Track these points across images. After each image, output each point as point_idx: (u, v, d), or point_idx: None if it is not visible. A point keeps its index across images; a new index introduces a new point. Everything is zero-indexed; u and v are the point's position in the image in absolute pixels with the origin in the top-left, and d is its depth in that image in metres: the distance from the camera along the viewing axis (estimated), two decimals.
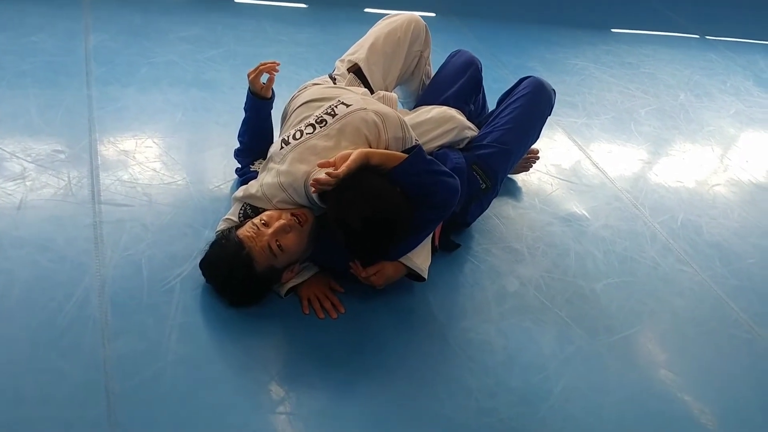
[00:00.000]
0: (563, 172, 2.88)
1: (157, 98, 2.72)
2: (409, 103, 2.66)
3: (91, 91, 2.67)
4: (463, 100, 2.47)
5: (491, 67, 3.52)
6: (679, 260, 2.55)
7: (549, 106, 2.47)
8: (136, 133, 2.52)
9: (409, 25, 2.43)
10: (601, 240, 2.56)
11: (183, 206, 2.25)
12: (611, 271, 2.42)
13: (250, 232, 1.85)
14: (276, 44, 3.28)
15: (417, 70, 2.53)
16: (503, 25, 4.05)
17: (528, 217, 2.59)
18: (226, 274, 1.86)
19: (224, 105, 2.77)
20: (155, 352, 1.78)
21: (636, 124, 3.39)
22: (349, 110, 1.99)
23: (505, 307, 2.17)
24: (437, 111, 2.32)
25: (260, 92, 2.18)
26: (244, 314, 1.91)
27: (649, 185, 2.94)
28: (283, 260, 1.87)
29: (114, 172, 2.32)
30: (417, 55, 2.49)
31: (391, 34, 2.41)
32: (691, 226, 2.75)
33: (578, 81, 3.63)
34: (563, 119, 3.24)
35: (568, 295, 2.28)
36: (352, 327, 1.96)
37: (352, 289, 2.05)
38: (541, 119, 2.46)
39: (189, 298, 1.94)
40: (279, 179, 1.94)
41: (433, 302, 2.11)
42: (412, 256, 2.00)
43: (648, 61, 4.02)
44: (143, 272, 1.99)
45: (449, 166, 2.13)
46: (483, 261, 2.33)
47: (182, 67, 2.95)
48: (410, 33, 2.43)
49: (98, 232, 2.08)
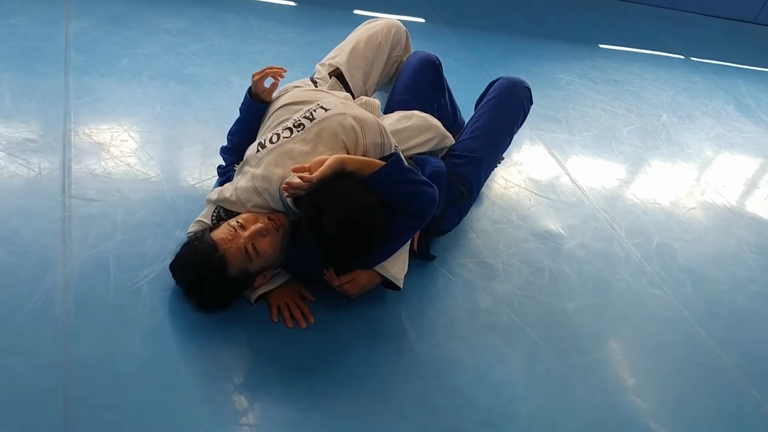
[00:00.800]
0: (542, 188, 2.88)
1: (136, 91, 2.67)
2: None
3: (68, 79, 2.62)
4: (433, 97, 2.46)
5: (476, 77, 3.50)
6: (652, 283, 2.55)
7: (520, 103, 2.42)
8: (113, 125, 2.47)
9: (389, 30, 2.41)
10: (576, 259, 2.55)
11: (155, 204, 2.21)
12: (584, 292, 2.42)
13: (226, 234, 1.82)
14: (261, 42, 3.23)
15: (396, 76, 2.50)
16: (491, 35, 4.04)
17: (505, 232, 2.58)
18: (198, 276, 1.82)
19: (204, 101, 2.73)
20: (118, 356, 1.75)
21: (617, 142, 3.39)
22: (327, 114, 1.96)
23: (477, 324, 2.16)
24: (417, 119, 2.29)
25: (261, 95, 2.14)
26: (212, 320, 1.88)
27: (626, 205, 2.95)
28: (257, 264, 1.84)
29: (87, 165, 2.28)
30: (397, 60, 2.47)
31: (372, 39, 2.39)
32: (665, 250, 2.75)
33: (563, 96, 3.63)
34: (545, 134, 3.23)
35: (540, 315, 2.27)
36: (320, 338, 1.93)
37: (323, 299, 2.02)
38: (512, 119, 2.43)
39: (156, 301, 1.90)
40: (254, 183, 1.90)
41: (404, 316, 2.09)
42: (388, 265, 1.98)
43: (633, 79, 4.03)
44: (110, 271, 1.95)
45: (429, 170, 2.12)
46: (457, 275, 2.32)
47: (164, 59, 2.90)
48: (391, 38, 2.41)
49: (66, 227, 2.04)
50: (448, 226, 2.33)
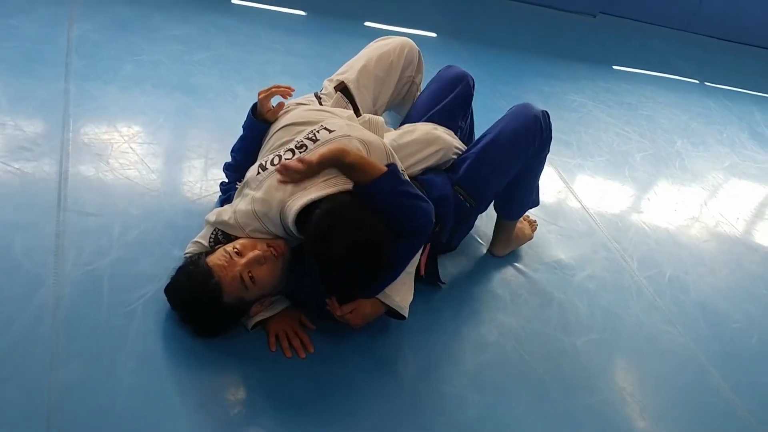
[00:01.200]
0: (551, 215, 2.79)
1: (138, 99, 2.59)
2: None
3: (69, 85, 2.54)
4: (451, 117, 2.35)
5: (488, 96, 3.43)
6: (664, 319, 2.47)
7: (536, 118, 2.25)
8: (113, 135, 2.39)
9: (402, 49, 2.33)
10: (586, 291, 2.47)
11: (154, 220, 2.13)
12: (594, 326, 2.34)
13: (222, 261, 1.74)
14: (269, 52, 3.16)
15: (408, 96, 2.43)
16: (504, 52, 3.96)
17: (513, 261, 2.49)
18: (192, 303, 1.75)
19: (209, 112, 2.65)
20: (107, 381, 1.67)
21: (630, 169, 3.31)
22: (331, 136, 1.87)
23: (482, 359, 2.07)
24: (422, 131, 2.20)
25: (265, 115, 2.06)
26: (207, 346, 1.80)
27: (638, 236, 2.86)
28: (254, 293, 1.76)
29: (85, 176, 2.20)
30: (409, 81, 2.39)
31: (384, 57, 2.31)
32: (678, 283, 2.67)
33: (575, 119, 3.55)
34: (556, 158, 3.15)
35: (547, 349, 2.18)
36: (320, 369, 1.85)
37: (323, 328, 1.94)
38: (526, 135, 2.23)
39: (150, 324, 1.82)
40: (253, 207, 1.82)
41: (407, 348, 2.01)
42: (391, 293, 1.89)
43: (647, 103, 3.95)
44: (104, 291, 1.87)
45: (435, 195, 2.03)
46: (464, 305, 2.24)
47: (168, 67, 2.82)
48: (403, 57, 2.33)
49: (60, 243, 1.96)
50: (456, 242, 2.25)
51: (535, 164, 2.32)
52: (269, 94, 2.03)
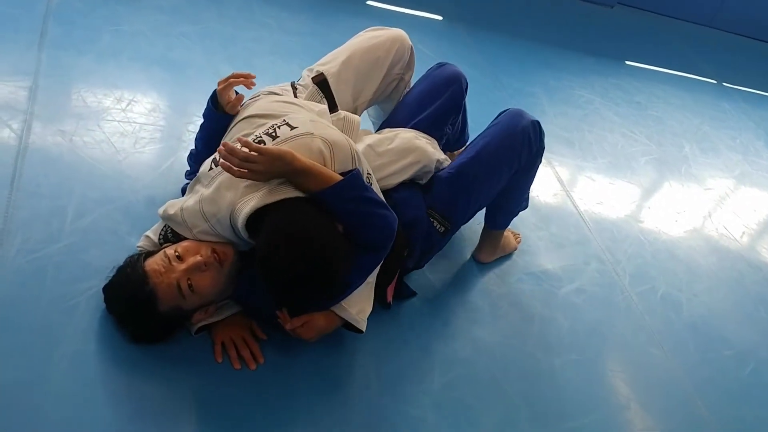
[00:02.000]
0: (543, 219, 2.65)
1: (112, 73, 2.45)
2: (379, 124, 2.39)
3: (41, 54, 2.40)
4: (439, 125, 2.18)
5: (490, 87, 3.27)
6: (651, 341, 2.33)
7: (525, 135, 2.08)
8: (81, 111, 2.26)
9: (392, 44, 2.14)
10: (571, 307, 2.33)
11: (112, 206, 2.00)
12: (575, 346, 2.20)
13: (159, 266, 1.60)
14: (260, 28, 3.00)
15: (395, 93, 2.25)
16: (510, 40, 3.78)
17: (497, 268, 2.36)
18: (125, 308, 1.62)
19: (186, 92, 2.51)
20: (36, 384, 1.55)
21: (633, 173, 3.15)
22: (292, 134, 1.70)
23: (450, 377, 1.94)
24: (401, 140, 2.03)
25: (225, 107, 1.87)
26: (147, 351, 1.67)
27: (634, 248, 2.71)
28: (192, 302, 1.63)
29: (44, 154, 2.07)
30: (397, 78, 2.21)
31: (371, 52, 2.12)
32: (670, 302, 2.52)
33: (581, 116, 3.38)
34: (555, 157, 2.99)
35: (523, 370, 2.05)
36: (270, 383, 1.72)
37: (276, 337, 1.80)
38: (511, 150, 2.08)
39: (92, 321, 1.70)
40: (201, 206, 1.67)
41: (369, 362, 1.88)
42: (348, 305, 1.74)
43: (657, 103, 3.77)
44: (46, 281, 1.75)
45: (408, 218, 1.88)
46: (438, 316, 2.10)
47: (150, 40, 2.68)
48: (393, 53, 2.14)
49: (7, 226, 1.84)
50: (424, 262, 2.10)
51: (524, 179, 2.17)
52: (228, 85, 1.85)
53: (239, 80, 1.85)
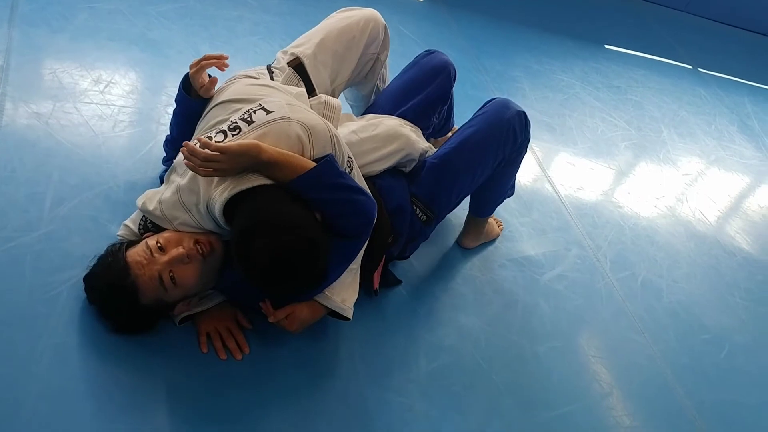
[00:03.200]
0: (525, 205, 2.65)
1: (89, 53, 2.38)
2: (358, 106, 2.36)
3: (12, 31, 2.32)
4: (426, 114, 2.15)
5: (472, 70, 3.25)
6: (632, 327, 2.36)
7: (510, 126, 2.06)
8: (57, 93, 2.20)
9: (366, 23, 2.09)
10: (553, 293, 2.34)
11: (92, 192, 1.95)
12: (557, 332, 2.21)
13: (141, 257, 1.56)
14: (241, 7, 2.94)
15: (371, 74, 2.21)
16: (493, 23, 3.74)
17: (480, 254, 2.36)
18: (106, 299, 1.59)
19: (165, 72, 2.45)
20: (17, 379, 1.52)
21: (612, 158, 3.16)
22: (269, 118, 1.65)
23: (436, 365, 1.94)
24: (385, 128, 1.99)
25: (199, 91, 1.80)
26: (131, 342, 1.64)
27: (614, 233, 2.73)
28: (174, 295, 1.60)
29: (19, 138, 2.01)
30: (373, 58, 2.17)
31: (345, 32, 2.07)
32: (651, 288, 2.55)
33: (561, 100, 3.38)
34: (536, 143, 2.99)
35: (507, 357, 2.06)
36: (255, 373, 1.71)
37: (261, 326, 1.78)
38: (496, 139, 2.06)
39: (74, 312, 1.67)
40: (180, 196, 1.63)
41: (355, 351, 1.87)
42: (332, 293, 1.73)
43: (636, 88, 3.78)
44: (26, 272, 1.71)
45: (392, 205, 1.86)
46: (422, 303, 2.10)
47: (128, 18, 2.60)
48: (367, 33, 2.09)
49: None
50: (409, 252, 2.09)
51: (509, 169, 2.16)
52: (200, 68, 1.78)
53: (212, 62, 1.78)
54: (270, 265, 1.48)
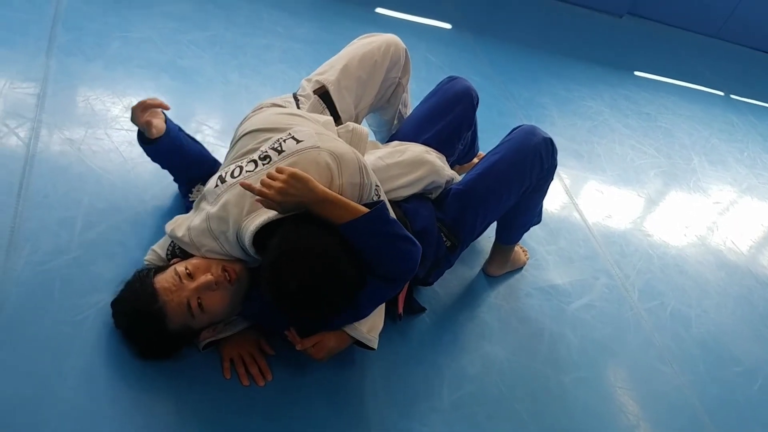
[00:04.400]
0: (552, 233, 2.63)
1: (121, 81, 2.44)
2: (381, 132, 2.37)
3: (50, 60, 2.39)
4: (449, 140, 2.15)
5: (499, 97, 3.25)
6: (660, 358, 2.31)
7: (536, 152, 2.05)
8: (89, 119, 2.24)
9: (387, 48, 2.12)
10: (581, 322, 2.31)
11: (120, 218, 1.98)
12: (584, 363, 2.18)
13: (169, 283, 1.58)
14: (269, 35, 2.99)
15: (393, 98, 2.23)
16: (519, 49, 3.76)
17: (506, 283, 2.34)
18: (133, 324, 1.61)
19: (195, 100, 2.49)
20: (43, 399, 1.53)
21: (642, 186, 3.13)
22: (298, 147, 1.67)
23: (460, 394, 1.92)
24: (411, 154, 2.00)
25: (145, 130, 1.82)
26: (156, 367, 1.65)
27: (643, 262, 2.69)
28: (201, 321, 1.61)
29: (52, 163, 2.05)
30: (394, 82, 2.19)
31: (367, 57, 2.09)
32: (680, 318, 2.51)
33: (589, 127, 3.36)
34: (564, 169, 2.98)
35: (532, 387, 2.04)
36: (278, 401, 1.70)
37: (284, 352, 1.78)
38: (523, 166, 2.04)
39: (100, 336, 1.68)
40: (209, 224, 1.65)
41: (378, 379, 1.86)
42: (358, 324, 1.73)
43: (666, 115, 3.75)
44: (54, 294, 1.73)
45: (418, 227, 1.86)
46: (446, 331, 2.09)
47: (159, 47, 2.66)
48: (389, 57, 2.11)
49: (14, 236, 1.82)
50: (433, 279, 2.08)
51: (535, 196, 2.15)
52: (142, 109, 1.81)
53: (147, 104, 1.81)
54: (298, 293, 1.49)
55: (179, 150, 1.92)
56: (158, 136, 1.84)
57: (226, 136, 2.32)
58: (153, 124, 1.82)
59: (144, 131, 1.84)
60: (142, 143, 1.90)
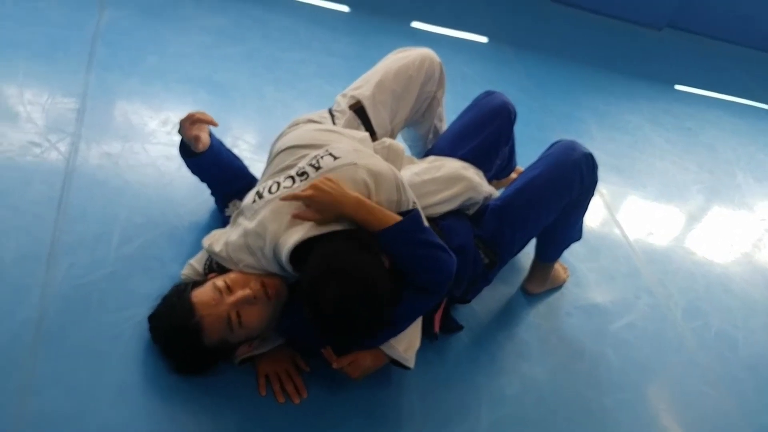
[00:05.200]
0: (592, 250, 2.57)
1: (158, 95, 2.45)
2: (416, 146, 2.35)
3: (89, 75, 2.41)
4: (486, 155, 2.11)
5: (537, 111, 3.21)
6: (705, 380, 2.24)
7: (576, 167, 1.99)
8: (127, 133, 2.26)
9: (422, 62, 2.09)
10: (622, 343, 2.25)
11: (157, 232, 1.98)
12: (626, 384, 2.12)
13: (208, 298, 1.57)
14: (305, 50, 2.98)
15: (428, 112, 2.20)
16: (558, 63, 3.70)
17: (545, 301, 2.29)
18: (170, 339, 1.60)
19: (231, 114, 2.49)
20: (80, 416, 1.53)
21: (684, 202, 3.05)
22: (336, 164, 1.66)
23: (498, 415, 1.88)
24: (448, 170, 1.97)
25: (191, 144, 1.85)
26: (190, 383, 1.64)
27: (686, 281, 2.62)
28: (239, 335, 1.60)
29: (90, 177, 2.07)
30: (429, 96, 2.16)
31: (402, 71, 2.07)
32: (726, 339, 2.42)
33: (630, 142, 3.30)
34: (604, 185, 2.91)
35: (572, 408, 1.98)
36: (313, 419, 1.68)
37: (319, 370, 1.75)
38: (562, 183, 2.00)
39: (136, 350, 1.68)
40: (246, 240, 1.64)
41: (415, 399, 1.82)
42: (395, 342, 1.70)
43: (709, 129, 3.66)
44: (91, 309, 1.73)
45: (455, 244, 1.82)
46: (484, 351, 2.04)
47: (195, 62, 2.67)
48: (423, 71, 2.09)
49: (53, 251, 1.83)
50: (471, 296, 2.04)
51: (575, 212, 2.09)
52: (190, 122, 1.84)
53: (196, 117, 1.85)
54: (334, 314, 1.47)
55: (220, 164, 1.92)
56: (203, 150, 1.84)
57: (261, 151, 2.31)
58: (200, 139, 1.83)
59: (190, 144, 1.84)
60: (185, 155, 1.90)
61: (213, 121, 1.87)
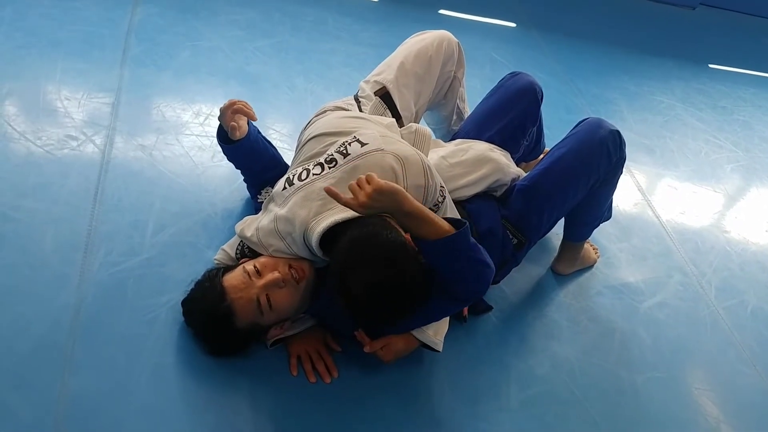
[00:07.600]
0: (624, 230, 2.56)
1: (191, 88, 2.51)
2: (441, 128, 2.36)
3: (123, 71, 2.48)
4: (515, 138, 2.13)
5: (566, 93, 3.19)
6: (741, 359, 2.21)
7: (603, 144, 1.98)
8: (161, 126, 2.32)
9: (440, 43, 2.11)
10: (654, 322, 2.24)
11: (190, 219, 2.04)
12: (659, 363, 2.11)
13: (238, 282, 1.61)
14: (334, 40, 3.02)
15: (450, 93, 2.22)
16: (587, 45, 3.68)
17: (575, 281, 2.29)
18: (203, 322, 1.64)
19: (263, 105, 2.54)
20: (118, 396, 1.59)
21: (718, 181, 3.01)
22: (363, 150, 1.68)
23: (528, 394, 1.89)
24: (475, 152, 1.99)
25: (229, 131, 1.86)
26: (224, 364, 1.69)
27: (720, 259, 2.59)
28: (269, 318, 1.64)
29: (125, 168, 2.13)
30: (450, 76, 2.18)
31: (422, 53, 2.09)
32: (762, 317, 2.39)
33: (661, 122, 3.26)
34: (635, 165, 2.89)
35: (603, 387, 1.98)
36: (345, 397, 1.72)
37: (350, 350, 1.79)
38: (590, 160, 1.99)
39: (171, 334, 1.73)
40: (276, 225, 1.67)
41: (445, 379, 1.85)
42: (426, 326, 1.74)
43: (744, 107, 3.60)
44: (128, 294, 1.79)
45: (482, 228, 1.84)
46: (514, 331, 2.05)
47: (227, 54, 2.73)
48: (442, 52, 2.11)
49: (90, 239, 1.89)
50: (500, 277, 2.04)
51: (604, 191, 2.09)
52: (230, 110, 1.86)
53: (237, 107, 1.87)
54: (367, 298, 1.48)
55: (256, 153, 1.96)
56: (240, 138, 1.88)
57: (292, 140, 2.36)
58: (238, 127, 1.86)
59: (228, 132, 1.87)
60: (222, 142, 1.94)
61: (253, 115, 1.89)
